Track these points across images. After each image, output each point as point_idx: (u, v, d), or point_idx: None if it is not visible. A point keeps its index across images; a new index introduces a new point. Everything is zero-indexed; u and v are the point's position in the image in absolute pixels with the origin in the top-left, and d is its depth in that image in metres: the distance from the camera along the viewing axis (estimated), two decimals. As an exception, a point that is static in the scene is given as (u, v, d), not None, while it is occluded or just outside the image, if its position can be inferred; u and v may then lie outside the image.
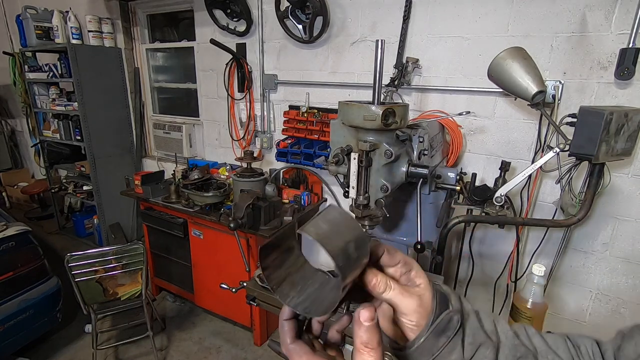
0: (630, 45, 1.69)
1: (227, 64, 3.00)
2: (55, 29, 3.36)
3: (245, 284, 1.62)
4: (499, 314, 2.29)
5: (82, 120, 3.44)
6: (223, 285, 1.66)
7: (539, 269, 1.26)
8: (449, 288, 0.47)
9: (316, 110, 2.66)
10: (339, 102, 1.15)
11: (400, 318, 0.43)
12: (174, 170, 3.00)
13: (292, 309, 0.41)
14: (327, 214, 0.39)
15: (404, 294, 0.42)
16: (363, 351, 0.36)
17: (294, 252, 0.43)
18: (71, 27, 3.35)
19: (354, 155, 1.11)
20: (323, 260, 0.37)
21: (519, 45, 1.56)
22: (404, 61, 2.23)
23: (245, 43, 2.92)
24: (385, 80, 2.17)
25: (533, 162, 2.00)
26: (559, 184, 1.55)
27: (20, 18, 3.54)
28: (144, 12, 3.58)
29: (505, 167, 1.57)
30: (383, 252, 0.44)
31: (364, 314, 0.36)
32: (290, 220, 2.51)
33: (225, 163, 3.29)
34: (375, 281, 0.41)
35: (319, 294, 0.41)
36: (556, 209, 2.02)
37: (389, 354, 0.45)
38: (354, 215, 0.39)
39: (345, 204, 2.86)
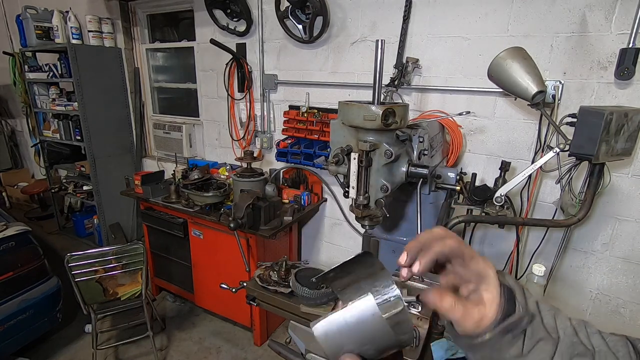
0: (630, 45, 1.69)
1: (227, 64, 3.00)
2: (55, 29, 3.36)
3: (245, 284, 1.62)
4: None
5: (82, 120, 3.44)
6: (223, 285, 1.66)
7: (539, 269, 1.26)
8: (513, 280, 0.45)
9: (316, 110, 2.66)
10: (339, 102, 1.15)
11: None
12: (174, 170, 3.01)
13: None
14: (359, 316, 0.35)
15: (460, 319, 0.42)
16: None
17: (372, 265, 0.41)
18: (71, 27, 3.35)
19: (354, 155, 1.11)
20: None
21: (519, 45, 1.56)
22: (404, 61, 2.23)
23: (245, 43, 2.92)
24: (385, 80, 2.17)
25: (533, 162, 2.00)
26: (559, 184, 1.54)
27: (20, 18, 3.54)
28: (144, 12, 3.58)
29: (505, 167, 1.57)
30: (460, 259, 0.43)
31: None
32: (290, 220, 2.51)
33: (225, 163, 3.29)
34: (435, 302, 0.41)
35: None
36: (556, 209, 2.02)
37: None
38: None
39: (346, 204, 2.86)
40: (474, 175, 1.56)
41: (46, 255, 2.56)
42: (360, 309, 0.35)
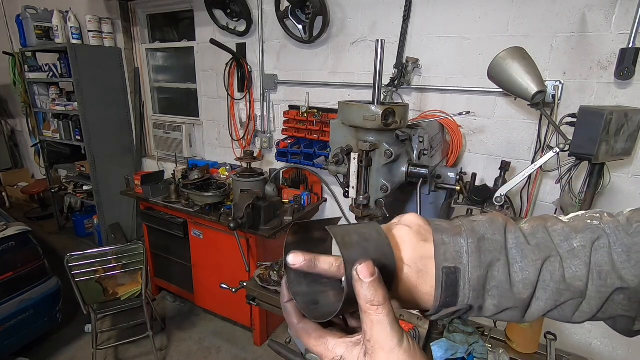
0: (630, 45, 1.69)
1: (227, 64, 3.00)
2: (55, 29, 3.36)
3: (245, 284, 1.62)
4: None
5: (82, 120, 3.44)
6: (223, 285, 1.66)
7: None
8: (470, 240, 0.38)
9: (316, 110, 2.66)
10: (339, 102, 1.15)
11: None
12: (174, 170, 3.01)
13: (291, 295, 0.39)
14: (363, 228, 0.37)
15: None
16: (369, 311, 0.33)
17: (325, 244, 0.42)
18: (71, 27, 3.35)
19: (354, 155, 1.11)
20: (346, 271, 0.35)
21: (519, 45, 1.56)
22: (404, 61, 2.23)
23: (245, 43, 2.92)
24: (385, 80, 2.17)
25: (533, 162, 2.00)
26: (559, 184, 1.55)
27: (20, 18, 3.54)
28: (144, 12, 3.58)
29: (505, 167, 1.57)
30: None
31: (362, 270, 0.33)
32: (290, 220, 2.51)
33: (225, 163, 3.29)
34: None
35: (324, 298, 0.40)
36: (556, 209, 2.02)
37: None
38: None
39: (346, 204, 2.86)
40: (474, 175, 1.56)
41: (46, 255, 2.56)
42: (367, 226, 0.38)
